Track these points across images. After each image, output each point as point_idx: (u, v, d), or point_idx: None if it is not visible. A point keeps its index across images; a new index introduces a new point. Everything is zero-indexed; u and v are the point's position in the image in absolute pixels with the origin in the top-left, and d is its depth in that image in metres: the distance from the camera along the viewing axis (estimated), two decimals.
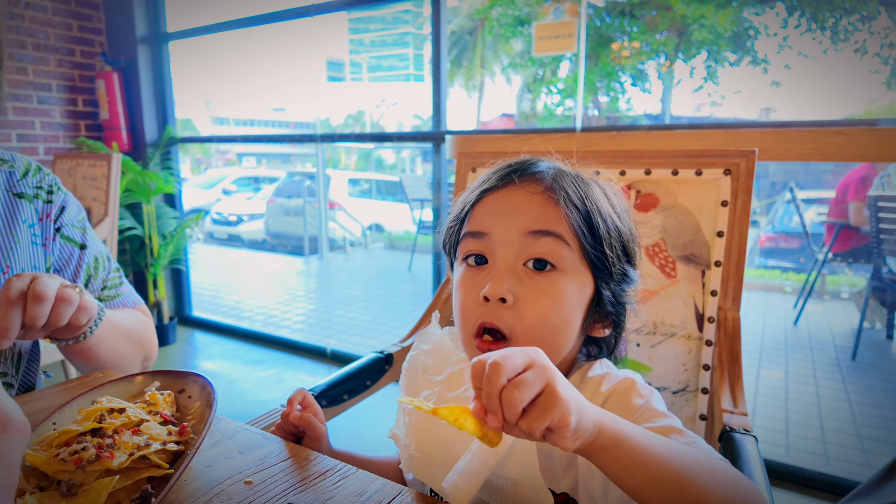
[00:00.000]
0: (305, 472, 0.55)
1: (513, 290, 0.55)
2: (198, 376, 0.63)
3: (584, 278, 0.57)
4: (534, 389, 0.38)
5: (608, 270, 0.58)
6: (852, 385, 2.94)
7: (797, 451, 2.19)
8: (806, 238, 4.09)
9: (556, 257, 0.56)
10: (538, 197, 0.57)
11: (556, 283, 0.56)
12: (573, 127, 2.03)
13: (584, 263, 0.57)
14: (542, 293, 0.55)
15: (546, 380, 0.39)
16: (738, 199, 0.95)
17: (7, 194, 0.81)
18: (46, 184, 0.85)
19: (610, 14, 8.75)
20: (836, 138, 1.39)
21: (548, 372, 0.39)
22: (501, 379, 0.38)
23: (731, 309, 0.95)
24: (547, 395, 0.38)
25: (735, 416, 0.82)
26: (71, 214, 0.87)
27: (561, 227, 0.56)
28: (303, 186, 7.77)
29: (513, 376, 0.38)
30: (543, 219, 0.56)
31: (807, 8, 7.96)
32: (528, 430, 0.38)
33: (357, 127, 18.02)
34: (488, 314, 0.56)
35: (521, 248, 0.56)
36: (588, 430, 0.40)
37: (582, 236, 0.56)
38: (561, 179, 0.59)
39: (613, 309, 0.60)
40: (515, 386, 0.38)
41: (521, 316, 0.55)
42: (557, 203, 0.57)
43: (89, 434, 0.49)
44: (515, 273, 0.56)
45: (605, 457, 0.42)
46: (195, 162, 15.96)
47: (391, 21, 9.76)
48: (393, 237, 8.58)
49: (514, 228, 0.56)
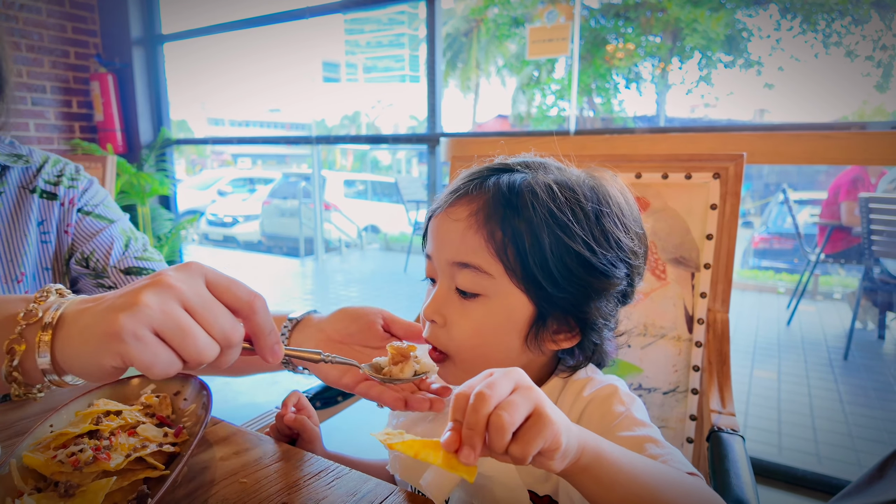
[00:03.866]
0: (299, 472, 0.56)
1: (442, 312, 0.58)
2: (193, 378, 0.64)
3: (515, 302, 0.56)
4: (522, 412, 0.37)
5: (549, 291, 0.55)
6: (844, 385, 2.97)
7: (789, 450, 2.21)
8: (799, 239, 4.13)
9: (476, 287, 0.57)
10: (460, 224, 0.57)
11: (481, 308, 0.57)
12: (567, 129, 2.05)
13: (515, 285, 0.56)
14: (467, 318, 0.58)
15: (534, 402, 0.38)
16: (726, 203, 0.97)
17: (22, 191, 0.81)
18: (68, 171, 0.85)
19: (605, 16, 8.80)
20: (824, 141, 1.41)
21: (534, 394, 0.39)
22: (488, 408, 0.37)
23: (720, 311, 0.97)
24: (536, 417, 0.38)
25: (723, 417, 0.84)
26: (95, 195, 0.87)
27: (480, 258, 0.56)
28: (298, 188, 7.76)
29: (501, 401, 0.37)
30: (463, 249, 0.57)
31: (799, 11, 8.02)
32: (520, 454, 0.37)
33: (353, 128, 18.01)
34: (428, 332, 0.60)
35: (450, 275, 0.58)
36: (573, 450, 0.40)
37: (507, 263, 0.55)
38: (495, 199, 0.56)
39: (566, 324, 0.58)
40: (503, 408, 0.37)
41: (452, 336, 0.58)
42: (480, 229, 0.56)
43: (86, 436, 0.50)
44: (448, 297, 0.59)
45: (586, 476, 0.42)
46: (190, 163, 15.91)
47: (387, 22, 9.77)
48: (388, 238, 8.58)
49: (442, 258, 0.59)
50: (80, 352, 0.41)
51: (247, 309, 0.46)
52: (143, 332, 0.40)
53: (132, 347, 0.40)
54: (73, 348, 0.42)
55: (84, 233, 0.83)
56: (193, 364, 0.43)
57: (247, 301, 0.46)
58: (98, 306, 0.43)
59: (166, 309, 0.41)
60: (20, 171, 0.82)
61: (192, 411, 0.59)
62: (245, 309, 0.46)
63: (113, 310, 0.41)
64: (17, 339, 0.42)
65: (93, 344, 0.41)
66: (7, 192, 0.80)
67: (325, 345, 0.64)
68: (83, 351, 0.41)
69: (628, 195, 0.62)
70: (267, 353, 0.48)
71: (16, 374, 0.43)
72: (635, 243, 0.59)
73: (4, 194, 0.79)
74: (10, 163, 0.80)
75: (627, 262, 0.58)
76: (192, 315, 0.42)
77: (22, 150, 0.84)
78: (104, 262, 0.82)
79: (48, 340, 0.42)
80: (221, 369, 0.49)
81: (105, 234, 0.83)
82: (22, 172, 0.82)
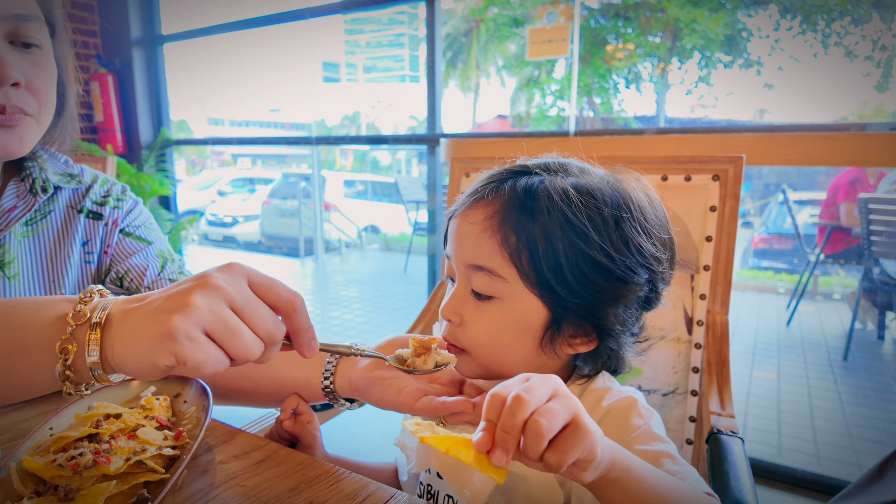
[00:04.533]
0: (299, 476, 0.56)
1: (459, 312, 0.59)
2: (193, 381, 0.64)
3: (529, 306, 0.56)
4: (561, 420, 0.37)
5: (563, 297, 0.55)
6: (844, 385, 2.97)
7: (789, 451, 2.22)
8: (798, 239, 4.13)
9: (490, 290, 0.57)
10: (476, 227, 0.57)
11: (495, 312, 0.58)
12: (567, 130, 2.05)
13: (529, 290, 0.56)
14: (481, 319, 0.58)
15: (573, 411, 0.38)
16: (726, 205, 0.97)
17: (70, 211, 0.81)
18: (115, 191, 0.86)
19: (604, 16, 8.80)
20: (823, 143, 1.42)
21: (573, 403, 0.39)
22: (525, 413, 0.37)
23: (719, 312, 0.97)
24: (574, 426, 0.38)
25: (722, 419, 0.84)
26: (138, 216, 0.88)
27: (494, 261, 0.56)
28: (298, 188, 7.76)
29: (538, 408, 0.37)
30: (477, 253, 0.57)
31: (799, 10, 8.02)
32: (556, 462, 0.37)
33: (353, 128, 18.01)
34: (446, 330, 0.61)
35: (467, 277, 0.59)
36: (606, 462, 0.40)
37: (520, 268, 0.55)
38: (511, 203, 0.56)
39: (583, 329, 0.58)
40: (542, 415, 0.37)
41: (468, 335, 0.59)
42: (495, 233, 0.56)
43: (86, 439, 0.50)
44: (464, 297, 0.60)
45: (615, 489, 0.42)
46: (190, 163, 15.91)
47: (387, 22, 9.77)
48: (388, 239, 8.58)
49: (459, 259, 0.60)
50: (132, 351, 0.43)
51: (287, 307, 0.47)
52: (195, 332, 0.42)
53: (185, 347, 0.41)
54: (124, 347, 0.43)
55: (122, 253, 0.84)
56: (240, 361, 0.45)
57: (287, 300, 0.47)
58: (146, 307, 0.44)
59: (215, 309, 0.42)
60: (70, 191, 0.82)
61: (192, 414, 0.59)
62: (286, 307, 0.47)
63: (165, 311, 0.42)
64: (68, 339, 0.44)
65: (146, 344, 0.42)
66: (56, 212, 0.80)
67: (374, 369, 0.65)
68: (135, 350, 0.43)
69: (655, 199, 0.61)
70: (305, 349, 0.50)
71: (69, 372, 0.44)
72: (658, 249, 0.58)
73: (54, 213, 0.80)
74: (63, 183, 0.81)
75: (649, 268, 0.57)
76: (238, 314, 0.44)
77: (74, 169, 0.84)
78: (138, 282, 0.82)
79: (97, 340, 0.43)
80: (261, 363, 0.50)
81: (141, 255, 0.84)
82: (72, 192, 0.82)
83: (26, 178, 0.77)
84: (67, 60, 0.76)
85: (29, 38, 0.67)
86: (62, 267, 0.79)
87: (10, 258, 0.74)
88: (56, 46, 0.73)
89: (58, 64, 0.73)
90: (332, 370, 0.68)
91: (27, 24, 0.66)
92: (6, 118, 0.66)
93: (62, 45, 0.75)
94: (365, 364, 0.66)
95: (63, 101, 0.77)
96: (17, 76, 0.65)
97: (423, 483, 0.68)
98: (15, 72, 0.65)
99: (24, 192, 0.77)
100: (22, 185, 0.77)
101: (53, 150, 0.83)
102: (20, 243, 0.76)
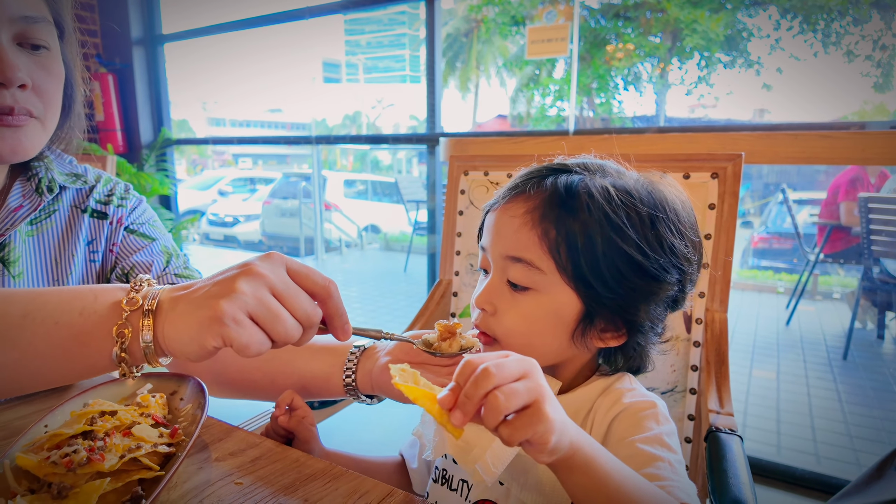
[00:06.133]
0: (295, 473, 0.56)
1: (493, 302, 0.61)
2: (190, 379, 0.64)
3: (564, 299, 0.58)
4: (521, 401, 0.39)
5: (599, 291, 0.57)
6: (843, 385, 2.97)
7: (788, 450, 2.21)
8: (798, 239, 4.13)
9: (527, 281, 0.59)
10: (516, 220, 0.59)
11: (530, 303, 0.59)
12: (566, 129, 2.05)
13: (566, 283, 0.57)
14: (516, 309, 0.60)
15: (536, 395, 0.40)
16: (725, 203, 0.97)
17: (74, 210, 0.81)
18: (118, 190, 0.86)
19: (604, 16, 8.79)
20: (823, 142, 1.41)
21: (538, 387, 0.40)
22: (488, 386, 0.39)
23: (718, 310, 0.97)
24: (534, 409, 0.39)
25: (721, 417, 0.83)
26: (142, 214, 0.88)
27: (533, 254, 0.58)
28: (299, 188, 7.76)
29: (505, 382, 0.39)
30: (516, 244, 0.59)
31: (799, 11, 8.01)
32: (507, 438, 0.39)
33: (353, 128, 18.02)
34: (479, 319, 0.62)
35: (503, 268, 0.61)
36: (563, 449, 0.42)
37: (559, 261, 0.57)
38: (552, 198, 0.58)
39: (614, 324, 0.60)
40: (504, 393, 0.39)
41: (501, 324, 0.61)
42: (535, 226, 0.58)
43: (81, 436, 0.50)
44: (499, 288, 0.61)
45: (571, 476, 0.44)
46: (191, 163, 15.91)
47: (387, 22, 9.77)
48: (389, 238, 8.58)
49: (497, 251, 0.61)
50: (183, 334, 0.46)
51: (323, 293, 0.50)
52: (241, 316, 0.45)
53: (232, 330, 0.44)
54: (175, 331, 0.47)
55: (126, 249, 0.84)
56: (280, 343, 0.48)
57: (323, 286, 0.50)
58: (193, 294, 0.48)
59: (258, 295, 0.46)
60: (74, 191, 0.82)
61: (188, 411, 0.59)
62: (322, 293, 0.50)
63: (213, 296, 0.45)
64: (124, 324, 0.48)
65: (195, 327, 0.46)
66: (61, 212, 0.80)
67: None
68: (186, 334, 0.46)
69: (686, 202, 0.63)
70: (339, 333, 0.53)
71: (124, 354, 0.48)
72: (689, 250, 0.60)
73: (58, 213, 0.80)
74: (69, 183, 0.81)
75: (680, 268, 0.59)
76: (279, 300, 0.47)
77: (79, 169, 0.85)
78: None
79: (150, 325, 0.47)
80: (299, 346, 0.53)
81: (146, 251, 0.84)
82: (76, 192, 0.83)
83: (32, 177, 0.78)
84: (75, 62, 0.77)
85: (37, 40, 0.67)
86: (66, 266, 0.79)
87: (16, 257, 0.74)
88: (64, 48, 0.73)
89: (65, 65, 0.73)
90: (353, 367, 0.70)
91: (36, 26, 0.66)
92: (13, 119, 0.66)
93: (70, 47, 0.75)
94: (385, 361, 0.68)
95: (70, 102, 0.78)
96: (24, 78, 0.65)
97: (439, 468, 0.69)
98: (22, 74, 0.65)
99: (30, 192, 0.77)
100: (28, 184, 0.77)
101: (59, 151, 0.83)
102: (24, 242, 0.76)
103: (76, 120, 0.80)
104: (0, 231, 0.72)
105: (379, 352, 0.71)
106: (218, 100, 18.52)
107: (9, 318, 0.47)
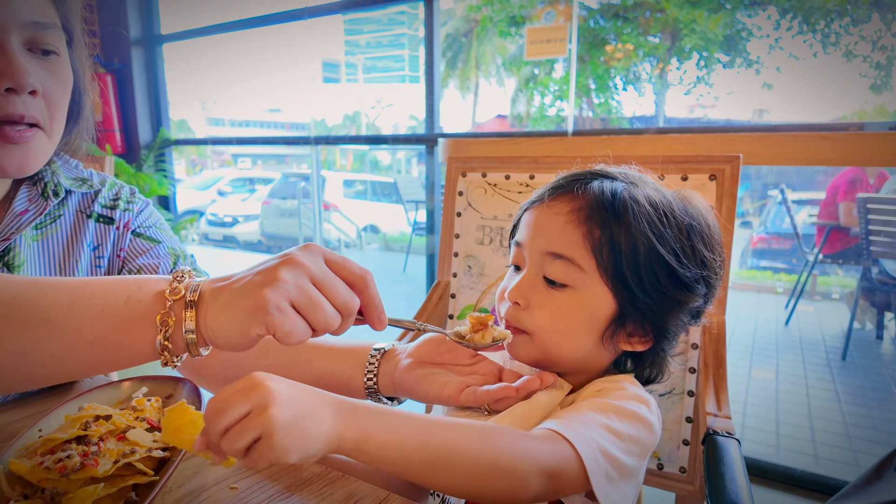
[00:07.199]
0: (291, 478, 0.55)
1: (527, 296, 0.62)
2: (186, 382, 0.64)
3: (600, 299, 0.60)
4: (248, 438, 0.40)
5: (635, 293, 0.59)
6: (842, 385, 2.97)
7: (787, 451, 2.21)
8: (797, 239, 4.13)
9: (566, 279, 0.60)
10: (561, 218, 0.61)
11: (566, 299, 0.61)
12: (565, 130, 2.05)
13: (604, 284, 0.59)
14: (551, 305, 0.61)
15: (261, 429, 0.40)
16: (723, 205, 0.97)
17: (79, 215, 0.81)
18: (124, 194, 0.86)
19: (603, 16, 8.79)
20: (821, 143, 1.41)
21: (266, 421, 0.40)
22: (218, 428, 0.40)
23: (716, 313, 0.97)
24: (263, 443, 0.40)
25: (718, 420, 0.83)
26: (148, 218, 0.88)
27: (575, 252, 0.59)
28: (298, 188, 7.75)
29: (231, 424, 0.40)
30: (559, 242, 0.60)
31: (798, 11, 8.01)
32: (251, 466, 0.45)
33: (353, 128, 18.02)
34: (509, 312, 0.64)
35: (541, 264, 0.62)
36: (319, 450, 0.43)
37: (600, 260, 0.59)
38: (598, 201, 0.60)
39: (642, 329, 0.61)
40: (231, 435, 0.40)
41: (534, 318, 0.62)
42: (580, 225, 0.59)
43: (74, 441, 0.49)
44: (534, 283, 0.62)
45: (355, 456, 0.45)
46: (190, 163, 15.89)
47: (386, 22, 9.76)
48: (388, 238, 8.58)
49: (536, 247, 0.63)
50: (227, 323, 0.48)
51: (360, 282, 0.52)
52: (284, 304, 0.46)
53: (275, 318, 0.46)
54: (218, 320, 0.48)
55: (133, 252, 0.84)
56: (320, 331, 0.49)
57: (360, 275, 0.52)
58: (235, 284, 0.49)
59: (300, 284, 0.47)
60: (79, 196, 0.82)
61: None
62: (359, 282, 0.52)
63: (256, 285, 0.47)
64: (167, 313, 0.49)
65: (240, 316, 0.47)
66: (66, 216, 0.80)
67: (416, 366, 0.68)
68: (230, 322, 0.47)
69: (715, 221, 0.66)
70: (376, 322, 0.54)
71: (167, 343, 0.49)
72: (717, 264, 0.63)
73: (63, 217, 0.80)
74: (75, 187, 0.81)
75: (708, 281, 0.62)
76: (318, 289, 0.48)
77: (85, 173, 0.84)
78: None
79: (193, 314, 0.48)
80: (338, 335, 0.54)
81: (152, 253, 0.84)
82: (81, 197, 0.82)
83: (38, 181, 0.77)
84: (84, 68, 0.76)
85: (47, 46, 0.67)
86: (71, 270, 0.79)
87: (20, 261, 0.74)
88: (73, 54, 0.73)
89: (74, 71, 0.73)
90: (374, 369, 0.70)
91: (46, 32, 0.66)
92: (20, 136, 0.66)
93: (79, 53, 0.75)
94: (406, 363, 0.69)
95: (79, 108, 0.77)
96: (35, 84, 0.65)
97: None
98: (33, 79, 0.65)
99: (36, 196, 0.76)
100: (34, 188, 0.77)
101: (67, 157, 0.83)
102: (30, 247, 0.76)
103: (84, 126, 0.80)
104: (5, 235, 0.72)
105: (399, 354, 0.71)
106: (217, 100, 18.47)
107: (58, 306, 0.48)
